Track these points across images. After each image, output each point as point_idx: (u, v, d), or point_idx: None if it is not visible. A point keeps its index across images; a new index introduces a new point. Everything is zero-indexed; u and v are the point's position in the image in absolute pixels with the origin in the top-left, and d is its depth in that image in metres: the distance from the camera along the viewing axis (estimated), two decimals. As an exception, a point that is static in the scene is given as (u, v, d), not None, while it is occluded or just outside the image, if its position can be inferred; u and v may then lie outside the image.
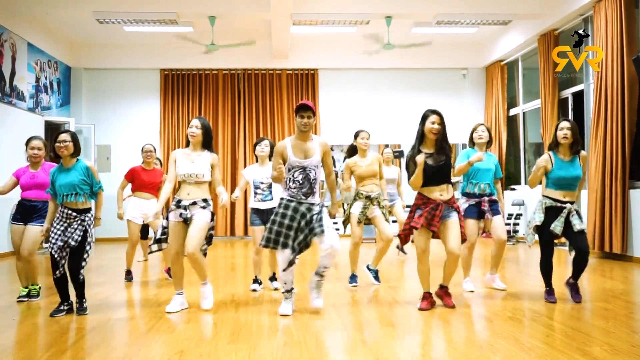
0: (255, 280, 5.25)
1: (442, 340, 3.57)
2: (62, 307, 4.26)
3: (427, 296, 4.31)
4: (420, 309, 4.23)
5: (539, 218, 4.49)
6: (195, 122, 4.34)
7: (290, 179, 4.13)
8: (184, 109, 11.22)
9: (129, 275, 5.94)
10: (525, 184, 10.21)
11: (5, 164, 8.46)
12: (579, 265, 4.43)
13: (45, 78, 9.86)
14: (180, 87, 11.26)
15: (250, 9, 8.58)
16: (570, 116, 8.73)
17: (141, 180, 5.96)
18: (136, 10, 8.52)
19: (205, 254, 4.38)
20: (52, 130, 9.92)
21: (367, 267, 5.60)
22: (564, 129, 4.45)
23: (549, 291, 4.57)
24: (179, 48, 10.80)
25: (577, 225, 4.33)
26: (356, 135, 5.46)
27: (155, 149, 6.09)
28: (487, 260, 5.55)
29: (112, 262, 7.54)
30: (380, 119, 11.31)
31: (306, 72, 11.39)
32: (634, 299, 4.74)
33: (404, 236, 4.33)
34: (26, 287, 4.92)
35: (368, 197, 5.30)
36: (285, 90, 11.32)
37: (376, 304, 4.61)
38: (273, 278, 5.32)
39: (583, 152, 4.53)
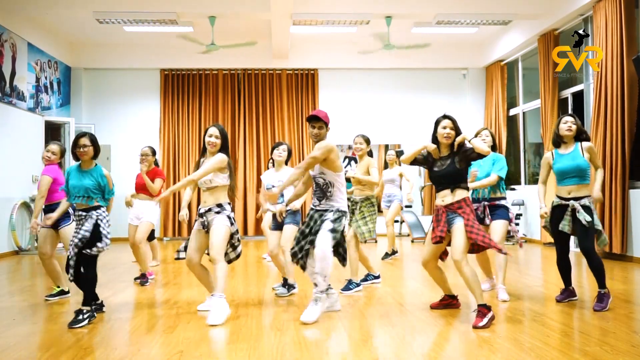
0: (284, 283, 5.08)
1: (442, 340, 3.57)
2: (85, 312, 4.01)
3: (445, 298, 4.36)
4: (432, 307, 4.33)
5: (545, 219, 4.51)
6: (214, 132, 4.24)
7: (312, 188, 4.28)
8: (184, 109, 11.22)
9: (142, 278, 5.73)
10: (526, 184, 10.23)
11: (6, 164, 8.47)
12: (590, 268, 4.32)
13: (45, 78, 9.86)
14: (180, 87, 11.25)
15: (250, 9, 8.58)
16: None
17: (136, 182, 6.11)
18: (136, 10, 8.52)
19: (229, 261, 4.25)
20: (52, 130, 9.92)
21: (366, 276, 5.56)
22: (568, 122, 4.38)
23: (562, 291, 4.56)
24: (179, 48, 10.79)
25: (582, 220, 4.22)
26: None
27: (152, 152, 6.05)
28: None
29: (112, 262, 7.53)
30: (380, 119, 11.31)
31: (306, 72, 11.38)
32: (634, 299, 4.74)
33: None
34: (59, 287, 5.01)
35: (348, 199, 5.31)
36: (285, 91, 11.31)
37: (376, 304, 4.61)
38: (285, 284, 5.07)
39: (587, 144, 4.37)
